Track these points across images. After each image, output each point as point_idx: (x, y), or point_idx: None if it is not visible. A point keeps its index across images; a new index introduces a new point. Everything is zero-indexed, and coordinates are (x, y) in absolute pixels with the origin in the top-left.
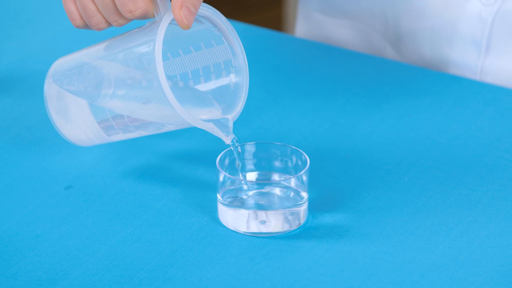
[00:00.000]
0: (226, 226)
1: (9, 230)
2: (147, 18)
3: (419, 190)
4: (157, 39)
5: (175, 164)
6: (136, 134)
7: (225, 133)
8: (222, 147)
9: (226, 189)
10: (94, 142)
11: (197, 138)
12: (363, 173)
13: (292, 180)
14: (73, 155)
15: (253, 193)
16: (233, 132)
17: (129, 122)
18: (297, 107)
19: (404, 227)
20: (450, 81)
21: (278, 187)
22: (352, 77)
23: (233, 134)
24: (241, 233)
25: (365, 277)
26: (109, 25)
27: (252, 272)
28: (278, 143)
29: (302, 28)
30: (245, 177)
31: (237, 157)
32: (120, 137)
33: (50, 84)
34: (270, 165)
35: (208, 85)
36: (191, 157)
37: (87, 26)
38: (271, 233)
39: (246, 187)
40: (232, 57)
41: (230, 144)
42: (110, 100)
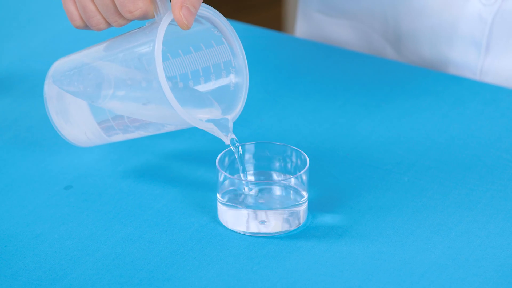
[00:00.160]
0: (226, 226)
1: (9, 230)
2: (147, 18)
3: (419, 190)
4: (157, 40)
5: (174, 164)
6: (136, 134)
7: (224, 133)
8: (222, 147)
9: (226, 189)
10: (94, 142)
11: (196, 138)
12: (363, 173)
13: (292, 180)
14: (73, 155)
15: (253, 193)
16: (233, 132)
17: (129, 122)
18: (297, 107)
19: (404, 227)
20: (450, 81)
21: (278, 187)
22: (352, 77)
23: (233, 134)
24: (241, 233)
25: (365, 277)
26: (109, 25)
27: (252, 272)
28: (278, 143)
29: (302, 28)
30: (245, 178)
31: (237, 158)
32: (120, 137)
33: (50, 84)
34: (270, 165)
35: (208, 85)
36: (190, 157)
37: (87, 27)
38: (271, 233)
39: (247, 190)
40: (232, 58)
41: (230, 144)
42: (110, 100)
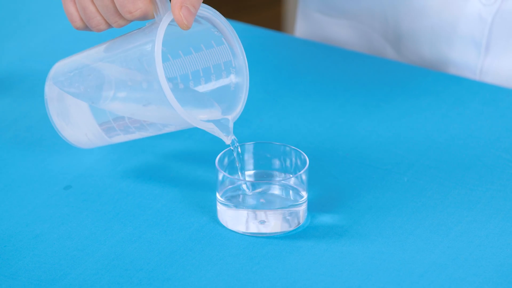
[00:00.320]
0: (225, 226)
1: (8, 230)
2: (147, 19)
3: (418, 190)
4: (157, 40)
5: (174, 164)
6: (137, 135)
7: (225, 134)
8: (221, 147)
9: (226, 189)
10: (95, 144)
11: (196, 138)
12: (362, 173)
13: (292, 180)
14: (73, 155)
15: (252, 193)
16: (233, 132)
17: (130, 123)
18: (297, 107)
19: (403, 227)
20: (449, 81)
21: (277, 187)
22: (352, 77)
23: (233, 135)
24: (241, 233)
25: (365, 277)
26: (109, 26)
27: (252, 272)
28: (278, 143)
29: (301, 28)
30: (245, 178)
31: (237, 158)
32: (121, 138)
33: (50, 86)
34: (269, 165)
35: (208, 86)
36: (190, 157)
37: (87, 28)
38: (271, 233)
39: (247, 190)
40: (232, 58)
41: (230, 144)
42: (110, 102)
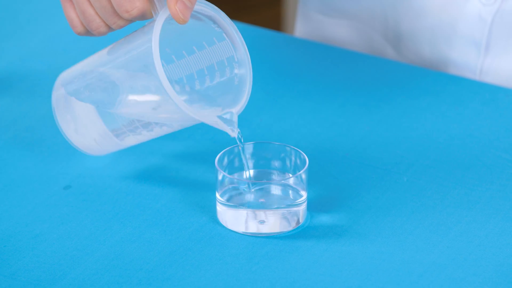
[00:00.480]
0: (225, 226)
1: (8, 230)
2: (145, 18)
3: (418, 190)
4: (153, 38)
5: (174, 164)
6: (147, 136)
7: (230, 127)
8: (221, 147)
9: (225, 189)
10: (106, 148)
11: (196, 138)
12: (362, 173)
13: (291, 180)
14: (72, 155)
15: (252, 193)
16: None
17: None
18: (296, 107)
19: (403, 226)
20: (449, 81)
21: (277, 186)
22: (351, 77)
23: (238, 129)
24: (240, 233)
25: (364, 276)
26: (109, 28)
27: (251, 272)
28: (277, 143)
29: (301, 29)
30: (244, 177)
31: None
32: (130, 140)
33: (57, 95)
34: (269, 165)
35: (213, 83)
36: (190, 157)
37: (88, 33)
38: (270, 233)
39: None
40: (234, 53)
41: (235, 137)
42: (122, 107)
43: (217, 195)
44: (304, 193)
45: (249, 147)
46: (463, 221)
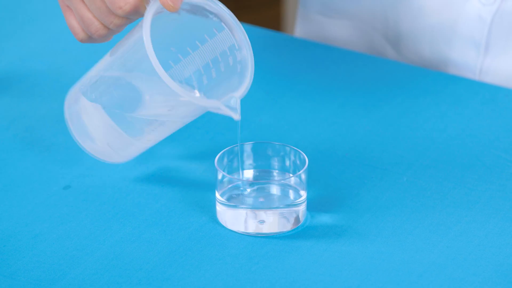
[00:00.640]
0: (224, 226)
1: (7, 230)
2: (139, 13)
3: (417, 190)
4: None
5: (173, 164)
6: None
7: (233, 112)
8: (221, 147)
9: (225, 189)
10: (123, 153)
11: (195, 138)
12: (361, 173)
13: (291, 180)
14: (72, 155)
15: (251, 193)
16: (230, 133)
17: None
18: (296, 107)
19: (402, 226)
20: (449, 81)
21: (276, 186)
22: (351, 77)
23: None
24: (240, 233)
25: (364, 276)
26: (108, 30)
27: (251, 272)
28: (277, 143)
29: (301, 30)
30: (243, 177)
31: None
32: (150, 138)
33: (70, 110)
34: (268, 165)
35: (219, 75)
36: (189, 156)
37: (90, 39)
38: (270, 232)
39: (247, 191)
40: (234, 40)
41: (239, 120)
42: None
43: (217, 195)
44: (303, 193)
45: (248, 147)
46: (462, 221)
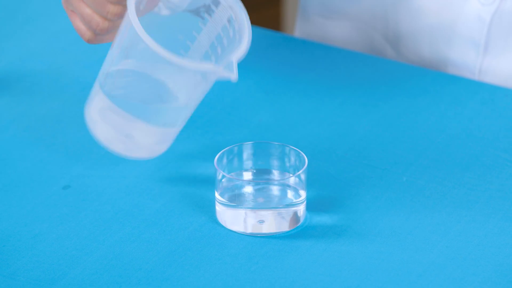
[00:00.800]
0: (224, 225)
1: (7, 230)
2: None
3: (417, 190)
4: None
5: (173, 164)
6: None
7: (230, 73)
8: (220, 147)
9: (224, 188)
10: (144, 139)
11: (195, 138)
12: (361, 173)
13: (290, 180)
14: (71, 155)
15: (251, 193)
16: (229, 133)
17: None
18: (295, 107)
19: (402, 226)
20: (448, 81)
21: (276, 186)
22: (350, 77)
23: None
24: (239, 232)
25: (363, 276)
26: (109, 22)
27: (250, 271)
28: (276, 143)
29: (301, 32)
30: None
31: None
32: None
33: (91, 111)
34: (268, 164)
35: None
36: (189, 156)
37: (97, 37)
38: (269, 232)
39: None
40: (231, 11)
41: (236, 81)
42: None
43: (216, 194)
44: (303, 193)
45: (248, 146)
46: (462, 220)
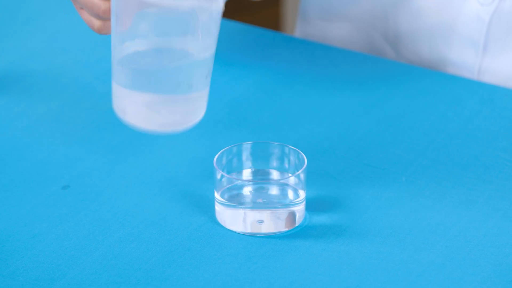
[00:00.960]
0: (223, 225)
1: (6, 230)
2: None
3: (416, 190)
4: None
5: (172, 164)
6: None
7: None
8: (220, 147)
9: (224, 188)
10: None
11: (194, 137)
12: (360, 172)
13: (290, 180)
14: (70, 154)
15: (250, 193)
16: (229, 132)
17: None
18: (295, 107)
19: (401, 226)
20: (447, 81)
21: (275, 186)
22: (350, 77)
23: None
24: (239, 232)
25: (363, 276)
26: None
27: (250, 271)
28: (276, 143)
29: (302, 34)
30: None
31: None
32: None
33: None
34: (267, 164)
35: None
36: (188, 156)
37: (104, 25)
38: (269, 232)
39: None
40: None
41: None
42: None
43: (216, 194)
44: (302, 193)
45: (247, 146)
46: (461, 220)
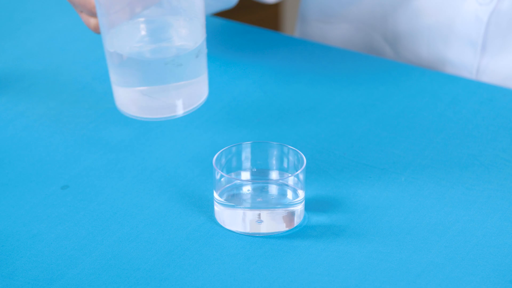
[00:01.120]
0: (222, 225)
1: (6, 230)
2: None
3: (415, 189)
4: None
5: (171, 164)
6: None
7: None
8: (219, 147)
9: (223, 188)
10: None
11: (193, 137)
12: (359, 172)
13: (289, 180)
14: (70, 154)
15: (249, 193)
16: (228, 133)
17: None
18: (294, 106)
19: (400, 226)
20: (446, 81)
21: (274, 186)
22: (349, 76)
23: None
24: (238, 232)
25: (362, 276)
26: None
27: (249, 271)
28: (275, 143)
29: (301, 35)
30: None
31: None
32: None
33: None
34: (266, 164)
35: None
36: (187, 156)
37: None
38: (268, 232)
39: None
40: None
41: None
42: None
43: (215, 194)
44: (301, 193)
45: (246, 146)
46: (461, 220)
